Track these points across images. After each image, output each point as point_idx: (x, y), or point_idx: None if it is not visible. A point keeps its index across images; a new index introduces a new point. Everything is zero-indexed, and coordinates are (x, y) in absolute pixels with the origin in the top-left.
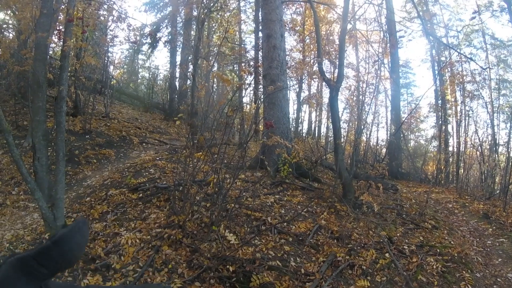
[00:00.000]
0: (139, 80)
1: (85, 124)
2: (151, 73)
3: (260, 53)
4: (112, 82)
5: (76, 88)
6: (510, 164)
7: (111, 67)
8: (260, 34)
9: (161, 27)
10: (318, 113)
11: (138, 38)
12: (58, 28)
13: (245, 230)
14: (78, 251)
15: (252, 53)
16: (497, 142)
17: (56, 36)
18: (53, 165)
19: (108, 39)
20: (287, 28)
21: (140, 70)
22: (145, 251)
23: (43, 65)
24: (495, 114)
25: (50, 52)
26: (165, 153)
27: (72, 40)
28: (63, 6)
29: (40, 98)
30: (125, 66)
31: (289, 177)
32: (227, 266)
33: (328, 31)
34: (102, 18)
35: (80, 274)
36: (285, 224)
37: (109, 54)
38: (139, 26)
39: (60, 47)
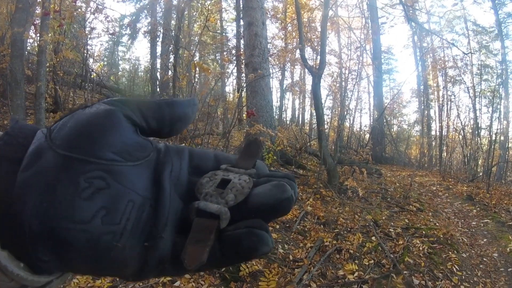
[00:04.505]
0: (119, 73)
1: None
2: (131, 65)
3: (242, 41)
4: (92, 76)
5: (55, 83)
6: (493, 147)
7: (91, 60)
8: (242, 22)
9: (140, 18)
10: (301, 100)
11: (117, 29)
12: (34, 23)
13: None
14: (185, 124)
15: (234, 41)
16: (479, 125)
17: (33, 31)
18: None
19: (86, 32)
20: (269, 16)
21: (120, 62)
22: None
23: (20, 61)
24: (477, 99)
25: (28, 48)
26: None
27: (49, 34)
28: (39, 0)
29: (18, 95)
30: (105, 59)
31: (274, 165)
32: None
33: (310, 18)
34: (79, 10)
35: (70, 275)
36: None
37: (88, 47)
38: (118, 17)
39: (37, 42)
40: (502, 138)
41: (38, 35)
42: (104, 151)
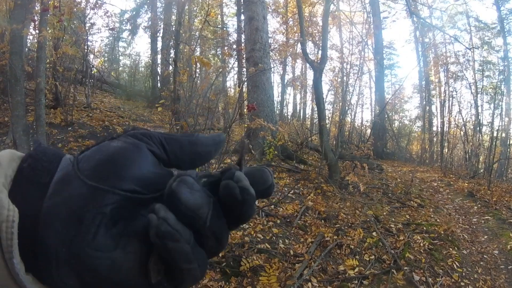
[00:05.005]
0: (120, 68)
1: (66, 116)
2: (132, 60)
3: (243, 36)
4: (93, 72)
5: (56, 79)
6: (494, 143)
7: (91, 56)
8: (242, 17)
9: (140, 13)
10: (302, 95)
11: (117, 25)
12: (34, 19)
13: None
14: (206, 159)
15: (234, 36)
16: (481, 122)
17: (33, 27)
18: None
19: (86, 28)
20: (270, 10)
21: (121, 58)
22: None
23: (20, 58)
24: (479, 95)
25: (28, 44)
26: None
27: (49, 30)
28: None
29: (18, 92)
30: (105, 55)
31: (275, 160)
32: None
33: (311, 13)
34: (78, 5)
35: None
36: (272, 206)
37: (89, 43)
38: (118, 13)
39: (37, 38)
40: (503, 135)
41: (37, 31)
42: (128, 184)
